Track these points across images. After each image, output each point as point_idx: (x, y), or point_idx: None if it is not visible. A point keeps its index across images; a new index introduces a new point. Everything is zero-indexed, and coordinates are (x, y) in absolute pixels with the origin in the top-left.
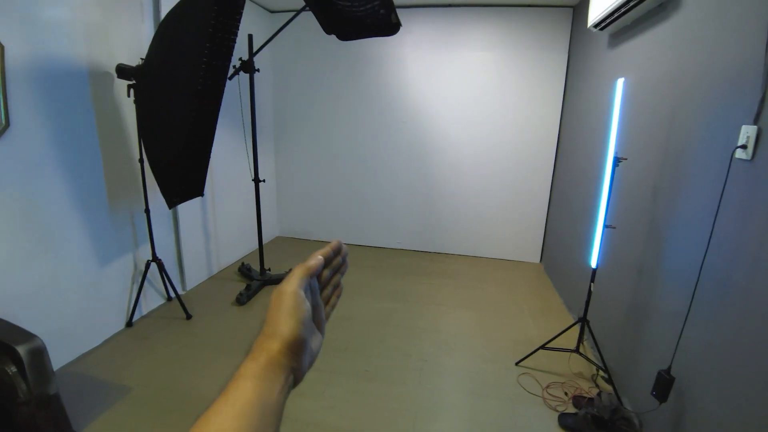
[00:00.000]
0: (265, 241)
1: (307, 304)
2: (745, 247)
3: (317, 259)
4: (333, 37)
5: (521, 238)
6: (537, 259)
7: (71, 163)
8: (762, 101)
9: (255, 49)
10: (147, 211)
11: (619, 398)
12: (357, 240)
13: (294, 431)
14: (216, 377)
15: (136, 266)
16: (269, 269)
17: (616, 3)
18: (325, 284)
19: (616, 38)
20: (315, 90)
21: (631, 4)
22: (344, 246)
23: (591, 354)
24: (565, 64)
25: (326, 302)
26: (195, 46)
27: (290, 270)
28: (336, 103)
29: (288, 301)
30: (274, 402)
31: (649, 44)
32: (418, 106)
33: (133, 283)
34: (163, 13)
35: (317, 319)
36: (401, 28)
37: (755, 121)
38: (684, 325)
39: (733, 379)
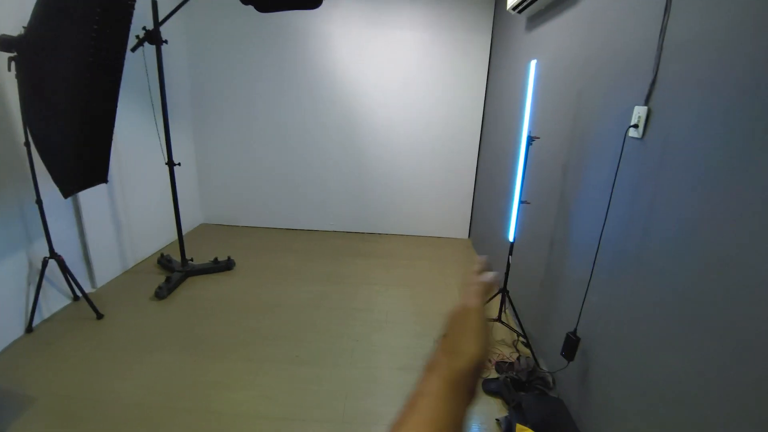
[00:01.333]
0: (188, 229)
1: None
2: (636, 219)
3: (494, 275)
4: (252, 8)
5: (450, 215)
6: (466, 235)
7: None
8: (653, 83)
9: (161, 18)
10: (39, 201)
11: (536, 360)
12: (287, 224)
13: (225, 425)
14: (134, 378)
15: (31, 265)
16: (191, 259)
17: None
18: None
19: (533, 21)
20: (236, 66)
21: None
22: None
23: (512, 321)
24: (488, 45)
25: None
26: (83, 12)
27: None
28: (260, 81)
29: (475, 319)
30: (461, 423)
31: (560, 28)
32: (347, 85)
33: (29, 284)
34: None
35: None
36: (327, 2)
37: (646, 102)
38: (587, 291)
39: (628, 337)
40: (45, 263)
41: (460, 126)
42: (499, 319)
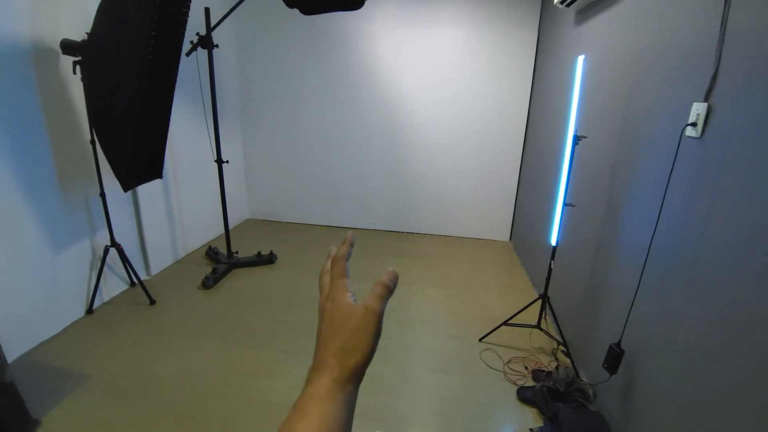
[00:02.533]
0: (234, 223)
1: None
2: (692, 224)
3: (343, 248)
4: (297, 11)
5: (491, 216)
6: (507, 237)
7: (14, 146)
8: (714, 78)
9: (213, 24)
10: (102, 194)
11: (576, 371)
12: (328, 221)
13: (257, 412)
14: (179, 362)
15: (94, 252)
16: (237, 252)
17: None
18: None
19: (582, 15)
20: (282, 67)
21: None
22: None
23: (552, 329)
24: (535, 41)
25: None
26: (141, 19)
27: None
28: (304, 81)
29: (375, 322)
30: (350, 421)
31: (611, 21)
32: (388, 84)
33: (91, 269)
34: None
35: None
36: (369, 3)
37: (706, 99)
38: (634, 300)
39: (678, 351)
40: (106, 251)
41: (503, 125)
42: (538, 326)
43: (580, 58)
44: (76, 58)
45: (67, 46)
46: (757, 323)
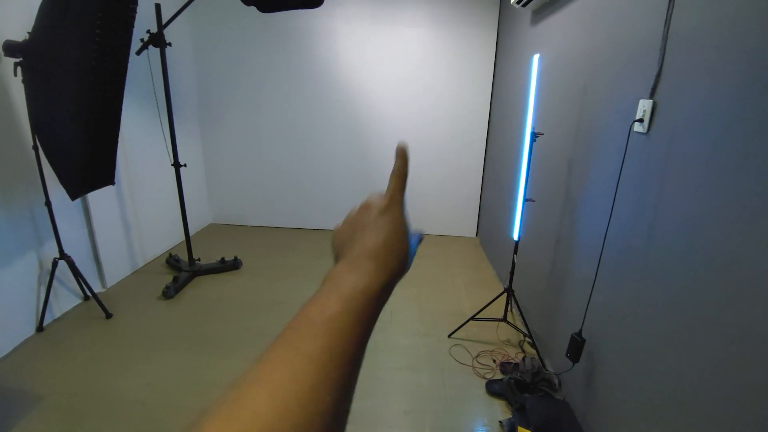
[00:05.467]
0: (196, 229)
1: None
2: (642, 216)
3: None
4: (254, 8)
5: (458, 213)
6: (473, 234)
7: None
8: (658, 75)
9: (165, 21)
10: (48, 203)
11: (542, 361)
12: (294, 223)
13: None
14: (139, 377)
15: (41, 265)
16: (199, 259)
17: None
18: None
19: (537, 15)
20: (242, 66)
21: None
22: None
23: (518, 321)
24: (494, 40)
25: None
26: (86, 16)
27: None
28: (265, 80)
29: (403, 222)
30: (359, 358)
31: (564, 22)
32: (351, 83)
33: (40, 284)
34: None
35: None
36: (329, 0)
37: (651, 95)
38: (592, 290)
39: (634, 338)
40: (55, 264)
41: (466, 123)
42: (504, 319)
43: (535, 57)
44: (17, 60)
45: (8, 48)
46: (705, 309)
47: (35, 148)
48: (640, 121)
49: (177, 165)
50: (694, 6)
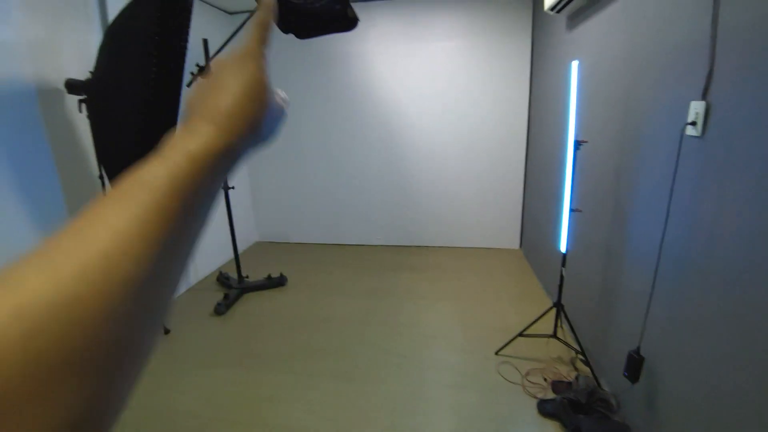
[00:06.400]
0: (243, 247)
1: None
2: (700, 225)
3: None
4: (293, 36)
5: (499, 224)
6: (517, 245)
7: (25, 186)
8: (709, 75)
9: (212, 54)
10: None
11: (597, 380)
12: (335, 239)
13: None
14: (193, 391)
15: None
16: (247, 276)
17: None
18: None
19: (573, 20)
20: (282, 90)
21: None
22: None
23: (569, 338)
24: (529, 48)
25: None
26: (141, 55)
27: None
28: (304, 102)
29: (249, 67)
30: (186, 249)
31: (602, 24)
32: (387, 100)
33: None
34: (111, 19)
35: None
36: (363, 23)
37: (703, 97)
38: (649, 304)
39: (698, 356)
40: None
41: (504, 132)
42: (555, 335)
43: (574, 64)
44: (81, 97)
45: (72, 86)
46: None
47: (101, 177)
48: (693, 124)
49: (226, 188)
50: (741, 3)
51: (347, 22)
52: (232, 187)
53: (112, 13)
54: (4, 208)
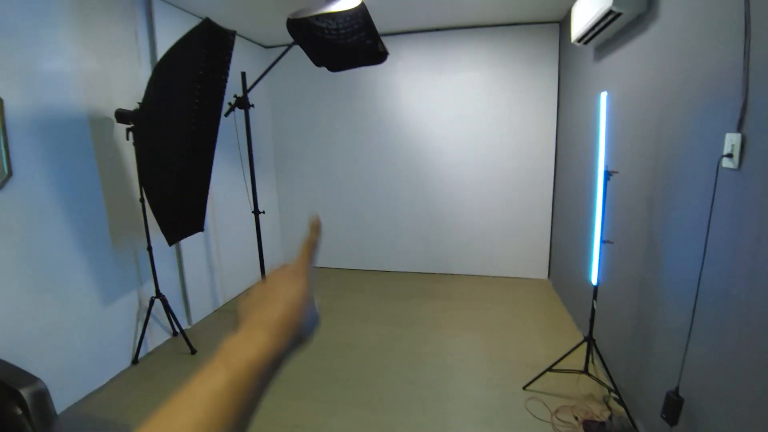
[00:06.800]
0: (269, 270)
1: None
2: (740, 259)
3: (317, 238)
4: (325, 69)
5: (527, 254)
6: (545, 275)
7: (74, 207)
8: (744, 107)
9: (249, 86)
10: (149, 248)
11: (632, 421)
12: (361, 265)
13: None
14: None
15: (140, 303)
16: None
17: (593, 19)
18: None
19: (601, 51)
20: (312, 120)
21: (608, 19)
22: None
23: (601, 374)
24: (556, 78)
25: None
26: (186, 88)
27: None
28: (333, 132)
29: (303, 284)
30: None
31: (631, 56)
32: (413, 129)
33: (138, 320)
34: (160, 57)
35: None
36: (391, 55)
37: (738, 129)
38: (688, 342)
39: (741, 398)
40: (152, 302)
41: (531, 162)
42: (586, 371)
43: (603, 95)
44: (129, 126)
45: (121, 116)
46: None
47: (142, 200)
48: (729, 156)
49: (257, 212)
50: None
51: (377, 56)
52: (263, 212)
53: (161, 51)
54: (51, 224)
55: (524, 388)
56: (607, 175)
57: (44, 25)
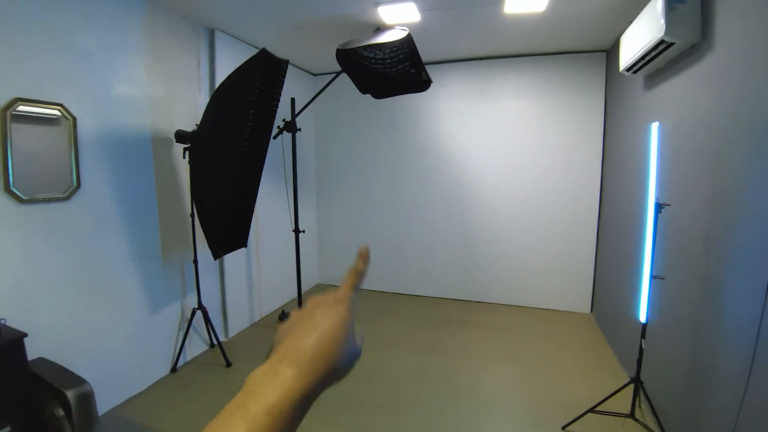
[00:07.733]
0: (305, 288)
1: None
2: None
3: (360, 264)
4: (369, 96)
5: (569, 286)
6: (587, 309)
7: (131, 219)
8: None
9: (297, 111)
10: (195, 261)
11: None
12: (395, 288)
13: None
14: None
15: (183, 313)
16: None
17: (644, 49)
18: None
19: (651, 80)
20: (354, 145)
21: (659, 49)
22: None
23: (649, 420)
24: (602, 107)
25: None
26: (241, 112)
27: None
28: (374, 156)
29: (343, 323)
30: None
31: (684, 86)
32: (453, 156)
33: (179, 330)
34: (217, 83)
35: None
36: (434, 82)
37: None
38: (746, 391)
39: None
40: (194, 313)
41: (575, 192)
42: (632, 415)
43: (654, 125)
44: (186, 145)
45: (180, 136)
46: None
47: (192, 215)
48: None
49: (297, 231)
50: None
51: (421, 84)
52: (303, 231)
53: (219, 78)
54: (110, 235)
55: (563, 428)
56: (658, 207)
57: (119, 54)
